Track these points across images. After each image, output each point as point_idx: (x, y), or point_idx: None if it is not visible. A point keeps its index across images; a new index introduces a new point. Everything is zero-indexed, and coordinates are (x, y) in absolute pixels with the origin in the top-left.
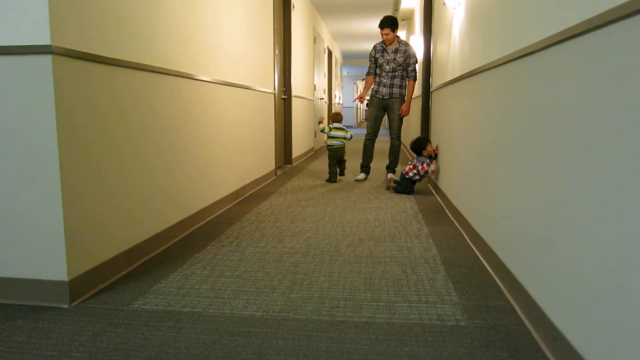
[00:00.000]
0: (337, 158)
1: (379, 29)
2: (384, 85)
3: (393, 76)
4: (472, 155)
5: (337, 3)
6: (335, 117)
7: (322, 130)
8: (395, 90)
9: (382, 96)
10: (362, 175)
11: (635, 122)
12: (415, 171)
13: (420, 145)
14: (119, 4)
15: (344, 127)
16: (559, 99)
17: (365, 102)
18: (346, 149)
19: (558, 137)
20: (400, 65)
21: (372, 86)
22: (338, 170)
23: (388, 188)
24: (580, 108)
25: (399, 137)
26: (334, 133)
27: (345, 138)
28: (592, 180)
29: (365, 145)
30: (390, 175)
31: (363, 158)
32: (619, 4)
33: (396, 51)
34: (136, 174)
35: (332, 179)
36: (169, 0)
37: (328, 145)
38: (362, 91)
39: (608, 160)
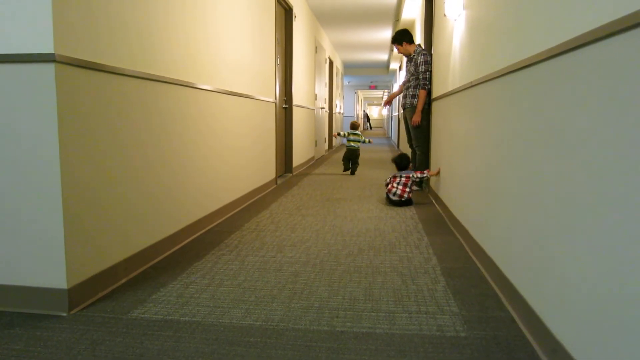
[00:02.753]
0: (349, 156)
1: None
2: (402, 97)
3: (407, 87)
4: (472, 165)
5: (338, 14)
6: (353, 125)
7: (343, 137)
8: (408, 100)
9: (403, 107)
10: None
11: (635, 134)
12: (408, 190)
13: (406, 164)
14: (122, 13)
15: (360, 133)
16: (559, 110)
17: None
18: (342, 158)
19: (558, 148)
20: (413, 74)
21: None
22: (350, 166)
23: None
24: (579, 119)
25: (419, 145)
26: (351, 137)
27: (359, 141)
28: (592, 192)
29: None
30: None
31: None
32: (617, 17)
33: (410, 60)
34: (137, 183)
35: (345, 170)
36: (172, 10)
37: (346, 146)
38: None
39: (608, 172)
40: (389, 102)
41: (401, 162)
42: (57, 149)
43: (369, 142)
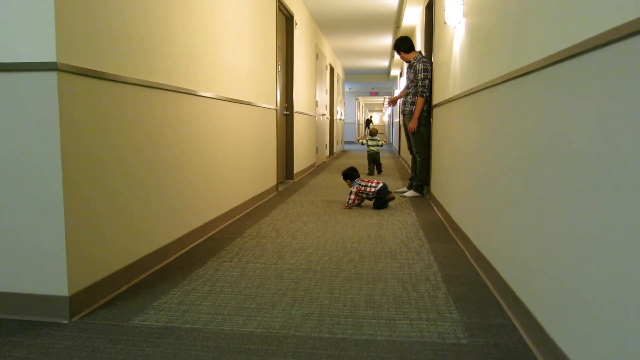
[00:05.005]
0: (372, 159)
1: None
2: (402, 103)
3: (407, 93)
4: (473, 172)
5: (339, 21)
6: (371, 132)
7: (363, 143)
8: (407, 107)
9: (402, 113)
10: (403, 189)
11: (638, 139)
12: (366, 188)
13: (357, 174)
14: (124, 21)
15: (378, 139)
16: (560, 117)
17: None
18: (348, 164)
19: (559, 154)
20: (412, 81)
21: None
22: (375, 167)
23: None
24: (581, 126)
25: (418, 152)
26: (370, 143)
27: (378, 145)
28: (595, 199)
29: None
30: (409, 192)
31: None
32: (616, 25)
33: (410, 67)
34: (137, 190)
35: (370, 173)
36: (173, 17)
37: (367, 151)
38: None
39: (611, 179)
40: (393, 102)
41: (352, 173)
42: (59, 157)
43: (385, 143)
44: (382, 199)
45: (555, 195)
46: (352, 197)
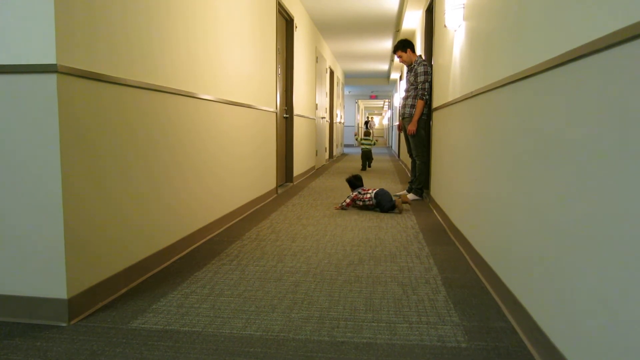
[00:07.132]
0: (365, 156)
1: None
2: (401, 106)
3: (407, 96)
4: (472, 175)
5: (339, 24)
6: (366, 133)
7: (357, 139)
8: (407, 110)
9: (402, 116)
10: (403, 192)
11: (636, 144)
12: (366, 197)
13: (360, 183)
14: (124, 23)
15: (371, 139)
16: (560, 120)
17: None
18: (348, 167)
19: (561, 158)
20: (412, 84)
21: None
22: (367, 163)
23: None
24: (581, 130)
25: (418, 155)
26: (363, 141)
27: (370, 144)
28: (595, 201)
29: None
30: (409, 195)
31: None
32: (615, 29)
33: (410, 70)
34: (138, 192)
35: (363, 169)
36: (173, 20)
37: (361, 148)
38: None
39: (612, 182)
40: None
41: (356, 182)
42: (59, 159)
43: (377, 142)
44: (383, 206)
45: (555, 198)
46: (348, 200)
